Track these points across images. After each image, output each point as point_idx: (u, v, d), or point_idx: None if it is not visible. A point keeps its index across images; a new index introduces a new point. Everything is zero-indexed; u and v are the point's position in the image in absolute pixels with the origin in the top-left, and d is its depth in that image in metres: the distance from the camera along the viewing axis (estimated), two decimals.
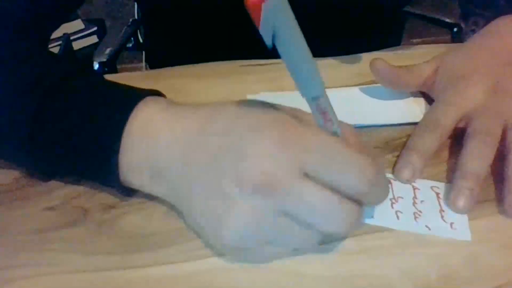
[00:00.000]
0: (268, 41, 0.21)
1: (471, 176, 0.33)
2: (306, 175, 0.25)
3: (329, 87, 0.46)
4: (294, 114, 0.28)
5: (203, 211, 0.28)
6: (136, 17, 0.98)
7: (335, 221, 0.26)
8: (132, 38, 0.95)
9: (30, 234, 0.31)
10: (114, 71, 0.90)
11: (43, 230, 0.32)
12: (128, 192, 0.33)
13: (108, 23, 1.74)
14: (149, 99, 0.31)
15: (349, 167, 0.25)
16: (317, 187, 0.25)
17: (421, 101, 0.43)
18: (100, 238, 0.31)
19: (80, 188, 0.35)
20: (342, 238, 0.30)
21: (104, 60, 0.86)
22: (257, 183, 0.25)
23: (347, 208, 0.26)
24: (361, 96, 0.45)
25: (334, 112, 0.26)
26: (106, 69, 0.87)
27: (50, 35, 0.47)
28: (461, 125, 0.37)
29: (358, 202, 0.26)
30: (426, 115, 0.39)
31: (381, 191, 0.27)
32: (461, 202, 0.32)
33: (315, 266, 0.29)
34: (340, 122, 0.27)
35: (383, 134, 0.40)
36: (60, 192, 0.35)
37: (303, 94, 0.25)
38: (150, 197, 0.34)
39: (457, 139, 0.37)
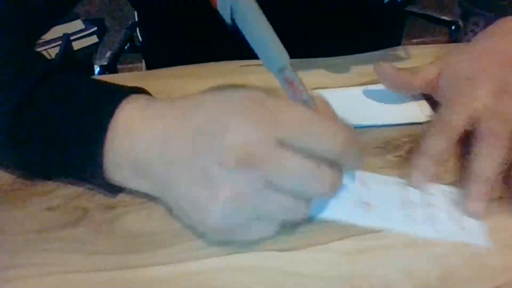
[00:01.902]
0: (227, 18, 0.22)
1: (483, 180, 0.32)
2: (283, 145, 0.27)
3: (329, 87, 0.46)
4: (266, 91, 0.29)
5: (187, 199, 0.28)
6: (136, 18, 0.98)
7: (316, 184, 0.27)
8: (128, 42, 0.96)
9: (30, 234, 0.31)
10: (115, 72, 0.90)
11: (43, 230, 0.32)
12: (114, 189, 0.33)
13: (108, 23, 1.74)
14: (131, 98, 0.32)
15: (321, 132, 0.27)
16: (295, 154, 0.27)
17: (423, 102, 0.43)
18: (100, 238, 0.31)
19: (80, 188, 0.35)
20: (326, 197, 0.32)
21: (105, 63, 0.86)
22: (236, 158, 0.26)
23: (325, 171, 0.27)
24: (361, 96, 0.45)
25: (301, 81, 0.27)
26: (107, 72, 0.87)
27: (39, 35, 0.47)
28: (468, 126, 0.37)
29: (336, 165, 0.28)
30: (435, 118, 0.38)
31: (355, 152, 0.28)
32: (476, 207, 0.32)
33: (315, 266, 0.29)
34: (312, 94, 0.28)
35: (383, 134, 0.40)
36: (60, 192, 0.35)
37: (268, 67, 0.26)
38: (150, 197, 0.34)
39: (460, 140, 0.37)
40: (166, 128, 0.30)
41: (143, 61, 0.84)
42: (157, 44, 0.69)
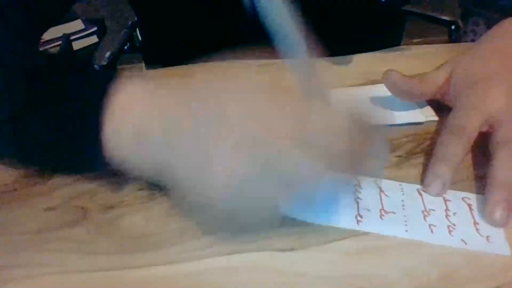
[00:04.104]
0: (247, 2, 0.22)
1: (506, 187, 0.32)
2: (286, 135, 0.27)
3: (329, 87, 0.46)
4: (274, 84, 0.30)
5: (190, 168, 0.29)
6: (136, 18, 0.98)
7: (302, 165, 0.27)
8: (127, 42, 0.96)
9: (30, 234, 0.31)
10: None
11: (43, 230, 0.32)
12: (117, 179, 0.34)
13: (108, 23, 1.74)
14: (127, 78, 0.32)
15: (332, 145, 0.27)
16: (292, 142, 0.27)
17: (427, 108, 0.43)
18: (100, 238, 0.31)
19: (80, 188, 0.35)
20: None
21: (105, 63, 0.86)
22: (237, 140, 0.27)
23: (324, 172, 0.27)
24: (361, 96, 0.45)
25: (319, 72, 0.28)
26: None
27: (40, 34, 0.47)
28: (484, 129, 0.36)
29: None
30: (449, 122, 0.37)
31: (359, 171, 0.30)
32: (498, 215, 0.31)
33: (315, 266, 0.29)
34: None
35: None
36: (60, 192, 0.35)
37: (288, 55, 0.26)
38: (150, 197, 0.34)
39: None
40: (169, 107, 0.30)
41: (143, 61, 0.84)
42: (157, 44, 0.69)
